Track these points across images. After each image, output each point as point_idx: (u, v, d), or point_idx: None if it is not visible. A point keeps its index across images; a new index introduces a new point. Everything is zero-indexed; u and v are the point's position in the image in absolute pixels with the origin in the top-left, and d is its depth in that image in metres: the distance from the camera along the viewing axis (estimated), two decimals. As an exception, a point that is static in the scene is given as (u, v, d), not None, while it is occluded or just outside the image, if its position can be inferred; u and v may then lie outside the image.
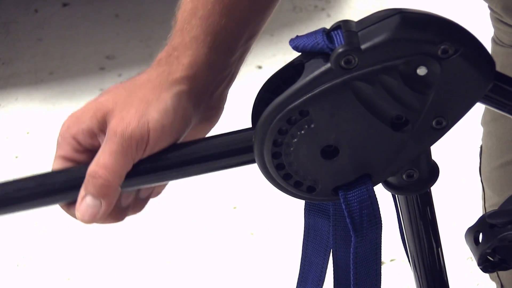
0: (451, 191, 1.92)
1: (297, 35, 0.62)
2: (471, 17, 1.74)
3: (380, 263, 0.69)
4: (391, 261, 1.78)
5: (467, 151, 1.96)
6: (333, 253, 0.72)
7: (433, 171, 0.68)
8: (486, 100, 0.65)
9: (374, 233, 0.66)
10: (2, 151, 2.15)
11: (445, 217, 1.79)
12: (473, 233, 0.74)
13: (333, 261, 0.72)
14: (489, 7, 1.00)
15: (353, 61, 0.59)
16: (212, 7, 0.67)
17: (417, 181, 0.67)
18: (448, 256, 0.81)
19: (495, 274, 1.09)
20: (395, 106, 0.61)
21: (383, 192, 0.71)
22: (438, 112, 0.62)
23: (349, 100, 0.60)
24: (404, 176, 0.66)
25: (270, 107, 0.61)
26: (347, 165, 0.64)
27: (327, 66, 0.59)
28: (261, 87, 0.64)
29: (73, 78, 2.37)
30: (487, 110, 1.08)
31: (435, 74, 0.60)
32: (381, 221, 0.66)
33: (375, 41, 0.59)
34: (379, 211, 0.66)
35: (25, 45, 2.50)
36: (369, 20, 0.60)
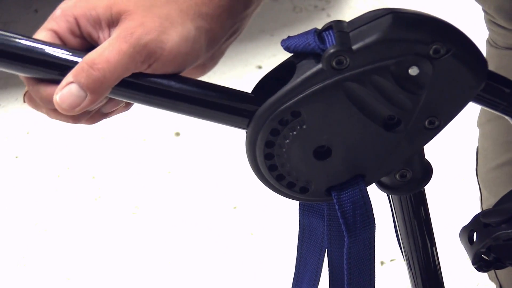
0: (451, 191, 1.92)
1: (289, 36, 0.62)
2: (466, 19, 1.74)
3: (374, 263, 0.69)
4: (391, 261, 1.78)
5: (466, 151, 1.96)
6: (328, 253, 0.72)
7: (426, 171, 0.68)
8: (479, 99, 0.65)
9: (367, 233, 0.66)
10: (2, 151, 2.15)
11: (445, 218, 1.79)
12: (467, 232, 0.74)
13: (328, 261, 0.72)
14: (482, 9, 1.00)
15: (345, 62, 0.58)
16: None
17: (411, 181, 0.67)
18: (448, 256, 0.81)
19: (494, 274, 1.09)
20: (387, 106, 0.61)
21: (381, 192, 0.71)
22: (430, 112, 0.62)
23: (341, 100, 0.60)
24: (397, 176, 0.66)
25: (262, 108, 0.61)
26: (339, 166, 0.64)
27: (318, 66, 0.59)
28: (254, 88, 0.64)
29: (73, 78, 2.37)
30: (483, 111, 1.08)
31: (427, 74, 0.60)
32: (374, 221, 0.66)
33: (367, 41, 0.58)
34: (372, 211, 0.66)
35: (25, 45, 2.50)
36: (361, 20, 0.60)
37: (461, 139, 1.92)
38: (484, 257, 0.74)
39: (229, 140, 2.10)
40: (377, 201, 0.71)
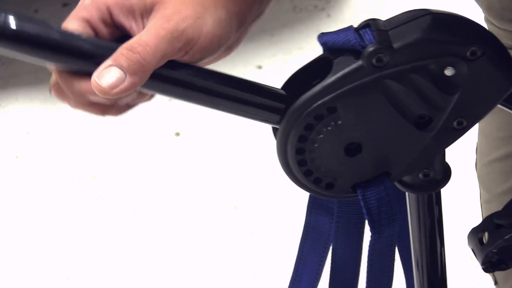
0: (451, 191, 1.92)
1: (323, 32, 0.62)
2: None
3: (393, 260, 0.70)
4: (391, 261, 1.78)
5: (466, 151, 1.96)
6: (332, 251, 0.72)
7: (446, 172, 0.69)
8: (506, 102, 0.66)
9: (391, 230, 0.67)
10: (2, 151, 2.15)
11: (445, 217, 1.79)
12: (478, 233, 0.74)
13: (332, 259, 0.73)
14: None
15: (384, 59, 0.59)
16: None
17: (431, 181, 0.68)
18: (448, 256, 0.81)
19: None
20: (421, 105, 0.62)
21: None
22: (460, 112, 0.63)
23: (377, 97, 0.61)
24: (420, 175, 0.67)
25: (298, 102, 0.61)
26: (368, 163, 0.64)
27: (358, 63, 0.60)
28: (284, 83, 0.64)
29: (73, 78, 2.37)
30: None
31: (462, 75, 0.61)
32: (398, 218, 0.67)
33: (407, 40, 0.59)
34: (397, 209, 0.66)
35: (25, 45, 2.50)
36: (399, 19, 0.61)
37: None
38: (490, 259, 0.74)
39: (229, 140, 2.10)
40: (394, 198, 0.71)
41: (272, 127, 0.65)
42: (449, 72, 0.61)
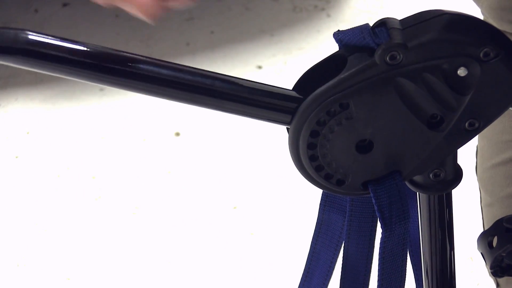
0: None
1: (339, 30, 0.63)
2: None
3: (406, 259, 0.70)
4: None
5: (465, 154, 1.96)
6: (344, 248, 0.73)
7: (457, 173, 0.70)
8: None
9: (402, 228, 0.67)
10: (2, 151, 2.15)
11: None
12: (488, 237, 0.74)
13: (343, 256, 0.73)
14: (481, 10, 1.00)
15: (398, 57, 0.60)
16: None
17: (442, 181, 0.68)
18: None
19: None
20: (433, 104, 0.62)
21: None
22: (472, 113, 0.63)
23: (390, 95, 0.61)
24: (431, 175, 0.67)
25: (310, 97, 0.61)
26: (379, 160, 0.65)
27: (371, 60, 0.60)
28: (298, 80, 0.64)
29: (73, 78, 2.37)
30: None
31: (475, 76, 0.61)
32: (410, 216, 0.67)
33: (421, 39, 0.60)
34: (408, 207, 0.67)
35: (25, 45, 2.50)
36: (414, 19, 0.62)
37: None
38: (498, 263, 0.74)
39: (229, 140, 2.10)
40: (406, 196, 0.71)
41: None
42: (462, 72, 0.61)
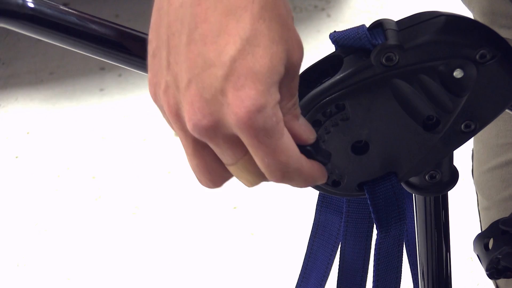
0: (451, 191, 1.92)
1: (335, 30, 0.62)
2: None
3: (401, 260, 0.70)
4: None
5: (461, 157, 1.96)
6: (341, 250, 0.73)
7: (453, 175, 0.69)
8: None
9: (398, 230, 0.67)
10: (2, 151, 2.15)
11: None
12: (484, 238, 0.74)
13: (340, 259, 0.73)
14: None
15: (394, 59, 0.59)
16: None
17: (438, 183, 0.68)
18: (448, 256, 0.81)
19: None
20: (429, 106, 0.62)
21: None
22: (468, 115, 0.63)
23: (386, 97, 0.61)
24: (427, 176, 0.67)
25: (306, 98, 0.61)
26: (375, 162, 0.64)
27: (367, 61, 0.60)
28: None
29: (73, 78, 2.37)
30: None
31: (471, 77, 0.61)
32: (406, 218, 0.67)
33: (418, 41, 0.60)
34: (404, 209, 0.67)
35: (25, 45, 2.50)
36: (410, 20, 0.61)
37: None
38: (495, 265, 0.74)
39: (229, 140, 2.10)
40: (402, 198, 0.71)
41: None
42: (458, 74, 0.61)
